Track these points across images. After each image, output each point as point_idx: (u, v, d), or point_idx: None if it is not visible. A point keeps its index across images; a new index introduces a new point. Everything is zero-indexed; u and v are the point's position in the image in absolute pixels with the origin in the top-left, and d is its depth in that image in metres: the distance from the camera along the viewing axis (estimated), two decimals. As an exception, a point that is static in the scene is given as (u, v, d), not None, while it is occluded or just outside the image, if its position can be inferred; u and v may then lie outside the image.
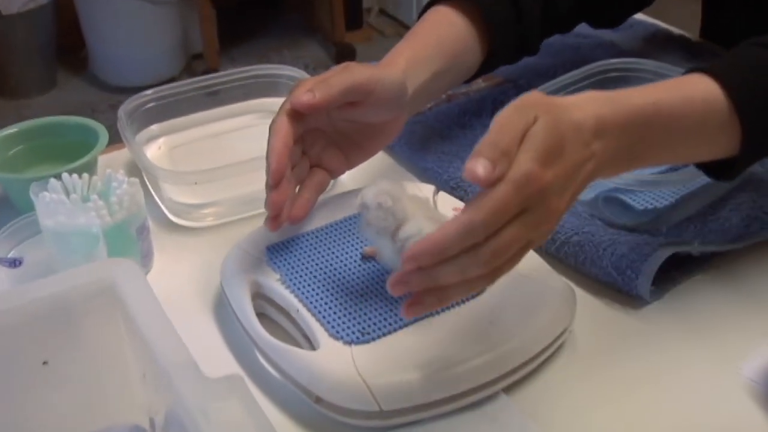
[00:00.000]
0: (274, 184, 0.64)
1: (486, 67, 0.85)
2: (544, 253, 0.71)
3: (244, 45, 3.11)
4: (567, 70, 0.91)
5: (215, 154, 0.88)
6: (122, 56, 2.81)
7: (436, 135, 0.90)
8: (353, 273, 0.66)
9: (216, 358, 0.65)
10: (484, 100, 0.96)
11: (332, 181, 0.83)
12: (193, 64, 3.00)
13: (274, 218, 0.66)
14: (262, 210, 0.76)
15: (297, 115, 0.66)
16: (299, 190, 0.70)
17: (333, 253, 0.69)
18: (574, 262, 0.72)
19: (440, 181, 0.83)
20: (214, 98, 0.95)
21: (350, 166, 0.75)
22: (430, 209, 0.65)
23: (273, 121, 0.66)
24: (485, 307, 0.63)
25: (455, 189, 0.81)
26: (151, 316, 0.50)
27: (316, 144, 0.72)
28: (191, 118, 0.93)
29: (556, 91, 0.86)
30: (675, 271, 0.71)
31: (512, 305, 0.63)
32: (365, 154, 0.76)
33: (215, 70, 2.82)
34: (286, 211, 0.66)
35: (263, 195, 0.77)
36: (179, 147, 0.91)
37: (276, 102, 0.88)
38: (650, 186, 0.73)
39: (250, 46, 3.09)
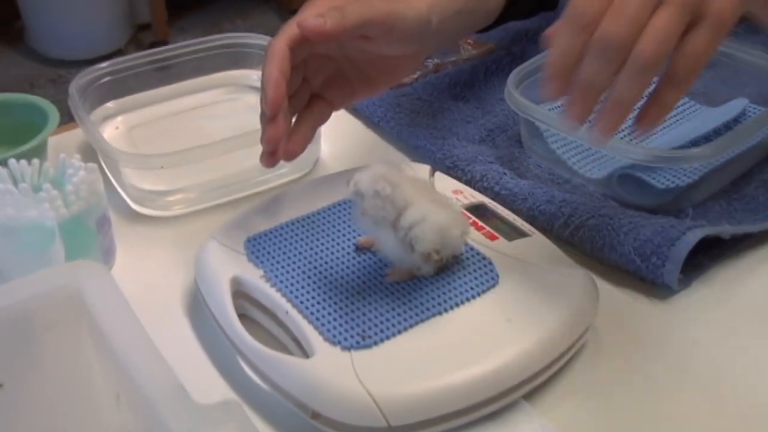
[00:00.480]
0: (271, 116, 0.61)
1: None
2: (555, 238, 0.69)
3: (193, 14, 3.04)
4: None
5: (180, 134, 0.86)
6: (61, 27, 2.74)
7: (426, 109, 0.88)
8: (348, 267, 0.63)
9: (192, 368, 0.61)
10: (475, 69, 0.94)
11: (314, 161, 0.82)
12: (140, 35, 2.94)
13: (271, 154, 0.63)
14: (240, 195, 0.77)
15: (300, 39, 0.63)
16: (295, 121, 0.68)
17: (323, 244, 0.66)
18: (590, 248, 0.69)
19: (434, 161, 0.80)
20: (175, 72, 0.91)
21: (355, 100, 0.73)
22: (433, 192, 0.63)
23: (270, 44, 0.63)
24: (501, 302, 0.61)
25: (452, 169, 0.78)
26: (125, 329, 0.45)
27: (321, 72, 0.69)
28: (151, 94, 0.90)
29: None
30: (701, 256, 0.68)
31: (530, 300, 0.60)
32: (375, 89, 0.74)
33: (164, 42, 2.79)
34: (282, 146, 0.64)
35: (237, 178, 0.77)
36: (139, 127, 0.88)
37: (246, 75, 0.91)
38: (671, 162, 0.69)
39: (200, 16, 3.02)
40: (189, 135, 0.83)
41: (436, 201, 0.60)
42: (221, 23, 2.97)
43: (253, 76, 0.92)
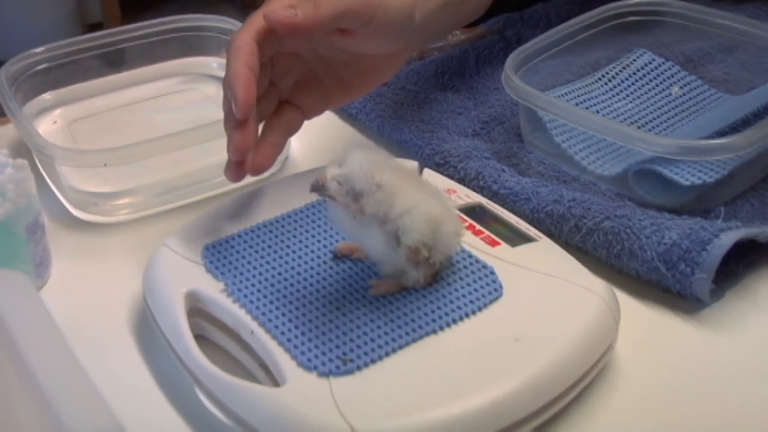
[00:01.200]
0: (242, 119, 0.59)
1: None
2: (565, 244, 0.66)
3: (149, 13, 3.02)
4: (563, 18, 0.87)
5: (128, 129, 0.84)
6: (5, 25, 2.71)
7: (410, 99, 0.86)
8: (326, 278, 0.61)
9: (139, 403, 0.59)
10: (465, 55, 0.92)
11: (283, 158, 0.80)
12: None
13: (238, 165, 0.62)
14: (197, 198, 0.76)
15: (267, 32, 0.62)
16: (263, 130, 0.66)
17: (296, 252, 0.63)
18: (606, 254, 0.66)
19: (422, 157, 0.78)
20: (123, 59, 0.90)
21: (329, 107, 0.71)
22: (422, 182, 0.61)
23: (233, 38, 0.61)
24: (507, 318, 0.58)
25: (442, 165, 0.76)
26: (52, 356, 0.41)
27: (290, 74, 0.68)
28: (95, 83, 0.89)
29: (555, 44, 0.81)
30: (734, 263, 0.64)
31: (540, 315, 0.58)
32: (352, 94, 0.73)
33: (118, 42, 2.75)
34: (250, 159, 0.62)
35: (194, 178, 0.76)
36: (81, 120, 0.86)
37: (204, 62, 0.91)
38: (699, 153, 0.66)
39: (157, 15, 2.99)
40: (139, 130, 0.81)
41: (426, 191, 0.58)
42: (180, 23, 2.97)
43: (213, 63, 0.90)
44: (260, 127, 0.66)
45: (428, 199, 0.57)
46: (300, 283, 0.60)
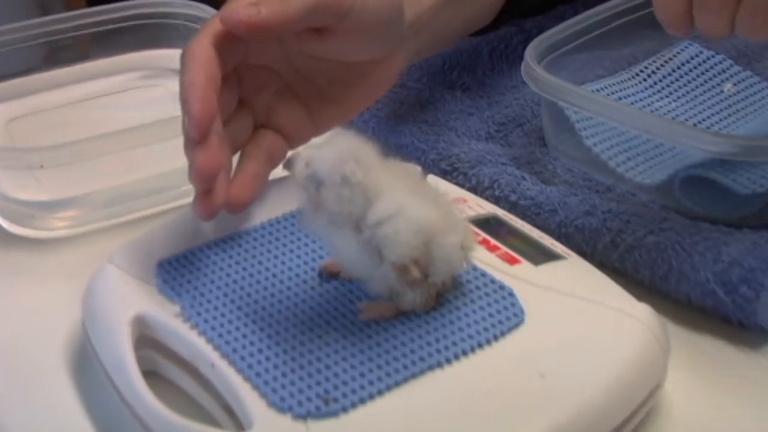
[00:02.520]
0: (199, 137, 0.57)
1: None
2: (599, 264, 0.64)
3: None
4: (587, 5, 0.85)
5: (77, 129, 0.82)
6: None
7: (412, 98, 0.85)
8: (304, 300, 0.59)
9: None
10: (477, 49, 0.91)
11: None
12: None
13: (205, 195, 0.59)
14: (153, 210, 0.76)
15: (228, 37, 0.61)
16: (240, 161, 0.65)
17: (269, 270, 0.62)
18: (650, 275, 0.64)
19: (426, 163, 0.78)
20: (74, 50, 0.93)
21: (317, 130, 0.70)
22: (414, 179, 0.59)
23: (187, 48, 0.61)
24: (530, 350, 0.55)
25: (450, 173, 0.75)
26: None
27: (263, 90, 0.67)
28: (40, 78, 0.90)
29: (583, 32, 0.80)
30: None
31: (571, 348, 0.56)
32: (341, 113, 0.71)
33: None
34: (221, 189, 0.60)
35: (151, 185, 0.76)
36: (22, 119, 0.86)
37: (168, 55, 0.93)
38: (760, 154, 0.64)
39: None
40: (89, 131, 0.78)
41: (419, 192, 0.56)
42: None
43: (179, 56, 0.87)
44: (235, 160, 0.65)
45: (419, 203, 0.55)
46: (273, 306, 0.58)
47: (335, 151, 0.54)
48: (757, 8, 0.59)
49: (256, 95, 0.67)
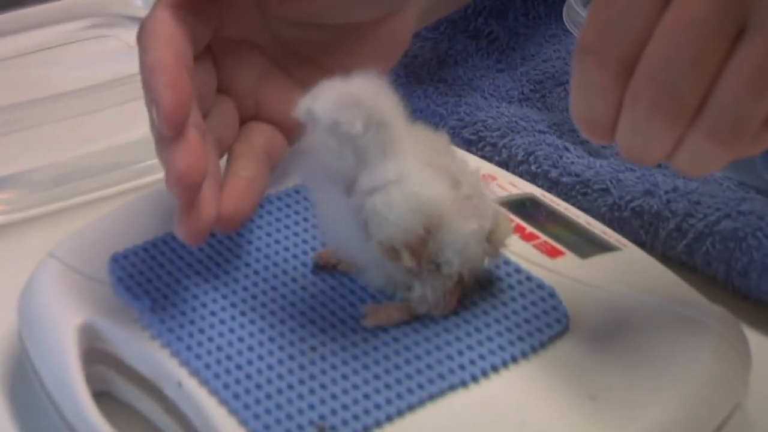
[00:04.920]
0: (173, 131, 0.56)
1: None
2: (661, 255, 0.66)
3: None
4: None
5: (8, 92, 0.83)
6: None
7: (428, 52, 0.86)
8: (293, 302, 0.59)
9: None
10: None
11: None
12: None
13: (190, 210, 0.57)
14: (106, 192, 0.77)
15: (194, 7, 0.61)
16: (229, 163, 0.64)
17: (250, 265, 0.62)
18: (726, 270, 0.65)
19: (445, 131, 0.78)
20: None
21: None
22: (438, 151, 0.59)
23: (143, 23, 0.60)
24: (577, 365, 0.56)
25: (475, 143, 0.76)
26: None
27: (246, 72, 0.67)
28: None
29: None
30: None
31: (629, 362, 0.56)
32: None
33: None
34: (210, 200, 0.58)
35: (104, 160, 0.77)
36: None
37: (121, 0, 0.94)
38: None
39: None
40: (27, 93, 0.79)
41: (439, 167, 0.56)
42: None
43: (137, 1, 0.92)
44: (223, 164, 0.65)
45: (428, 177, 0.55)
46: (255, 311, 0.58)
47: (344, 90, 0.54)
48: (719, 131, 0.51)
49: (238, 79, 0.67)
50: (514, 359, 0.55)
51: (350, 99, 0.54)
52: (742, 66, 0.46)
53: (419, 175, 0.54)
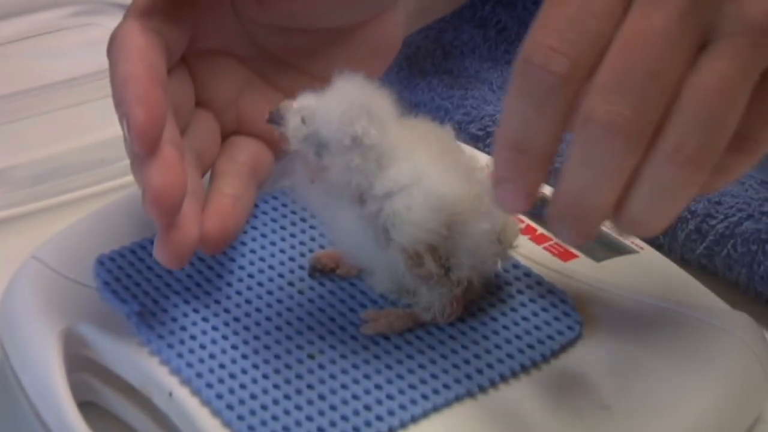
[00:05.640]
0: (147, 148, 0.56)
1: None
2: (680, 259, 0.66)
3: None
4: None
5: None
6: None
7: (431, 42, 0.87)
8: (290, 307, 0.59)
9: None
10: None
11: None
12: None
13: (170, 232, 0.57)
14: (91, 190, 0.77)
15: (166, 16, 0.61)
16: (212, 181, 0.64)
17: (243, 268, 0.62)
18: (747, 275, 0.65)
19: (450, 125, 0.77)
20: None
21: None
22: (445, 145, 0.59)
23: (113, 34, 0.60)
24: (590, 373, 0.56)
25: (481, 139, 0.76)
26: None
27: (226, 84, 0.68)
28: None
29: None
30: None
31: (646, 373, 0.56)
32: None
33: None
34: (192, 221, 0.58)
35: (89, 157, 0.78)
36: None
37: None
38: None
39: None
40: (6, 85, 0.82)
41: (449, 163, 0.56)
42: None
43: None
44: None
45: (444, 173, 0.54)
46: (250, 317, 0.58)
47: (343, 103, 0.54)
48: (683, 152, 0.47)
49: (217, 91, 0.67)
50: (524, 368, 0.55)
51: (356, 109, 0.54)
52: (708, 78, 0.45)
53: (435, 172, 0.54)
